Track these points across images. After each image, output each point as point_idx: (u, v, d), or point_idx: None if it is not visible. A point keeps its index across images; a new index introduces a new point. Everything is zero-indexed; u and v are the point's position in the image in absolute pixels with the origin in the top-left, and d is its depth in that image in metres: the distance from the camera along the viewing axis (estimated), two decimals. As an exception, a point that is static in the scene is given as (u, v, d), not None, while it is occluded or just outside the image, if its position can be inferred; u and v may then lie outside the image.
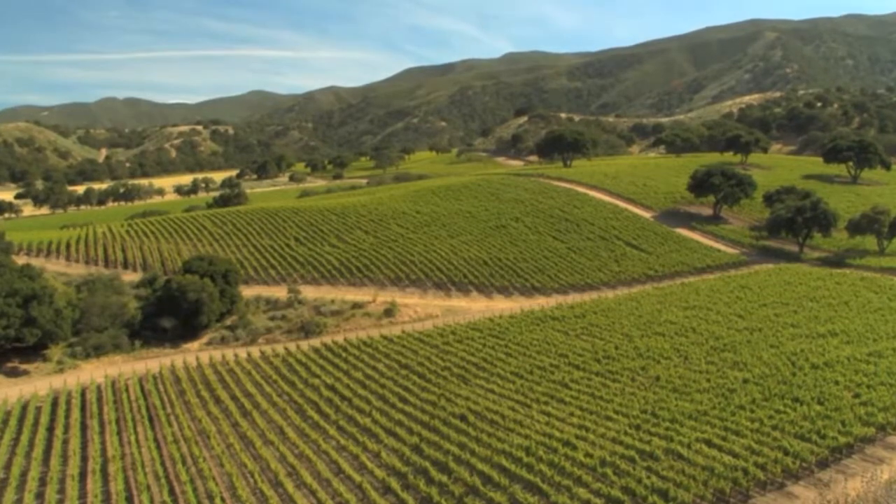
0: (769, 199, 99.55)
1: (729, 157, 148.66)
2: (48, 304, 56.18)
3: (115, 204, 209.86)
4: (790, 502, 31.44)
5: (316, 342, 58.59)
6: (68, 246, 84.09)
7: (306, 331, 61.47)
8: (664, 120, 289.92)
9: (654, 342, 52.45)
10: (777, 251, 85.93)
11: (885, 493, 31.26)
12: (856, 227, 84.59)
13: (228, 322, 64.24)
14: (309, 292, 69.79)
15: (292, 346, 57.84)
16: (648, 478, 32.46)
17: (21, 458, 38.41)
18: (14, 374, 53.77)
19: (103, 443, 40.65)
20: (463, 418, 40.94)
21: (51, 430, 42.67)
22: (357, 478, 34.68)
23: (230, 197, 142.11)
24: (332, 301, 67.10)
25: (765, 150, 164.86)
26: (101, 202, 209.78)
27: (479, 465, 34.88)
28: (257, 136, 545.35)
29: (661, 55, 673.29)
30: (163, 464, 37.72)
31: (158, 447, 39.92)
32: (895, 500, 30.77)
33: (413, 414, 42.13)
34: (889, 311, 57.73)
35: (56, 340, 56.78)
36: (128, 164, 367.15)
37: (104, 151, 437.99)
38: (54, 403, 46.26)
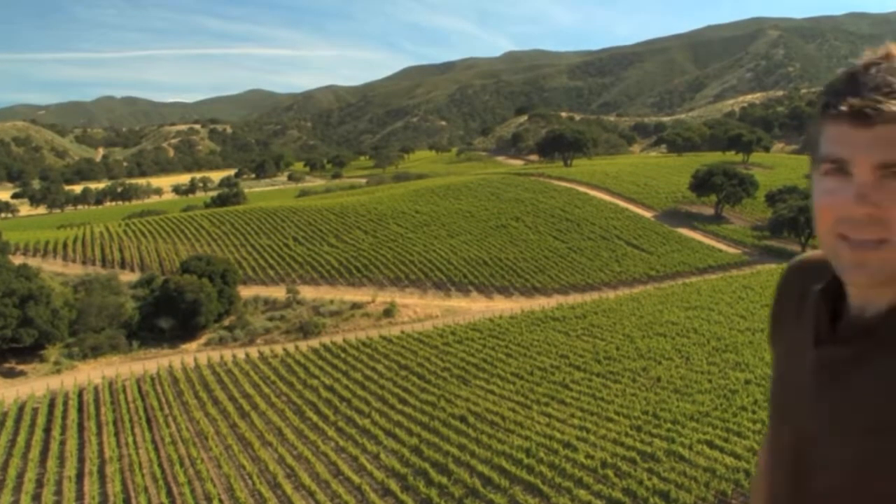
0: (771, 199, 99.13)
1: (731, 156, 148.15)
2: (45, 305, 55.90)
3: (113, 203, 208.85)
4: (793, 505, 31.15)
5: (314, 343, 58.27)
6: (65, 246, 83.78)
7: (305, 331, 61.14)
8: (665, 119, 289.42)
9: (656, 343, 52.13)
10: (779, 251, 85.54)
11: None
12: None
13: (227, 322, 63.95)
14: (307, 292, 69.48)
15: (291, 347, 57.50)
16: (650, 479, 32.17)
17: (17, 459, 38.14)
18: (11, 374, 53.52)
19: (100, 444, 40.38)
20: (463, 419, 40.63)
21: (48, 431, 42.40)
22: (356, 479, 34.40)
23: (228, 196, 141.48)
24: (331, 301, 66.78)
25: (767, 150, 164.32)
26: (98, 202, 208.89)
27: (479, 467, 34.58)
28: (255, 135, 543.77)
29: (662, 54, 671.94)
30: (160, 465, 37.45)
31: (156, 448, 39.65)
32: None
33: (412, 415, 41.83)
34: (891, 311, 57.42)
35: (53, 341, 56.49)
36: (125, 164, 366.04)
37: (101, 150, 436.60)
38: (51, 404, 45.96)
